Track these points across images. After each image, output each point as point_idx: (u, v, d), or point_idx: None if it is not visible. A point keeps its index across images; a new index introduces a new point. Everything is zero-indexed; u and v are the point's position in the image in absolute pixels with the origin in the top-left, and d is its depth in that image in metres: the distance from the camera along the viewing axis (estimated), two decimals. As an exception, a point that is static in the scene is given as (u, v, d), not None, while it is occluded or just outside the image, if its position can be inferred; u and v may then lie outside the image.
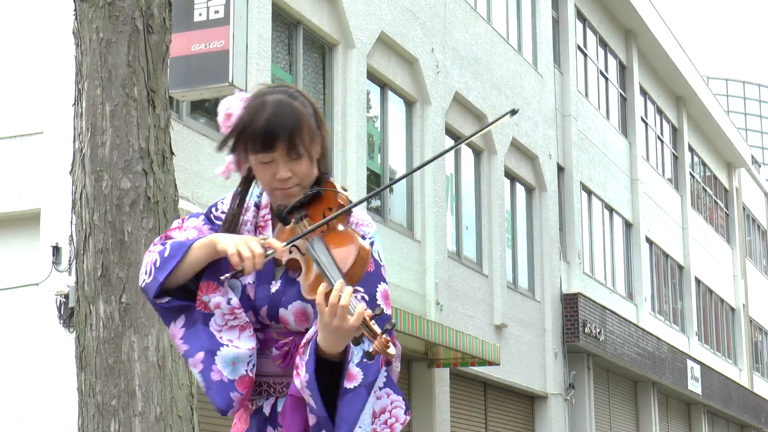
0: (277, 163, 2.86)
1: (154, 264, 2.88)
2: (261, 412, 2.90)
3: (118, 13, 5.85)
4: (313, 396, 2.74)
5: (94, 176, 5.77)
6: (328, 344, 2.72)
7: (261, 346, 2.90)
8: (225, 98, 3.00)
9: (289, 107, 2.87)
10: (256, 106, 2.88)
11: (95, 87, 5.84)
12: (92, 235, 5.74)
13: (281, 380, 2.89)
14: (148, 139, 5.83)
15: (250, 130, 2.85)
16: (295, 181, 2.88)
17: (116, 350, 5.66)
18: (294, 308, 2.86)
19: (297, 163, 2.87)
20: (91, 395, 5.68)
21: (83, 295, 5.76)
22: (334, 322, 2.68)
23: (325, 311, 2.68)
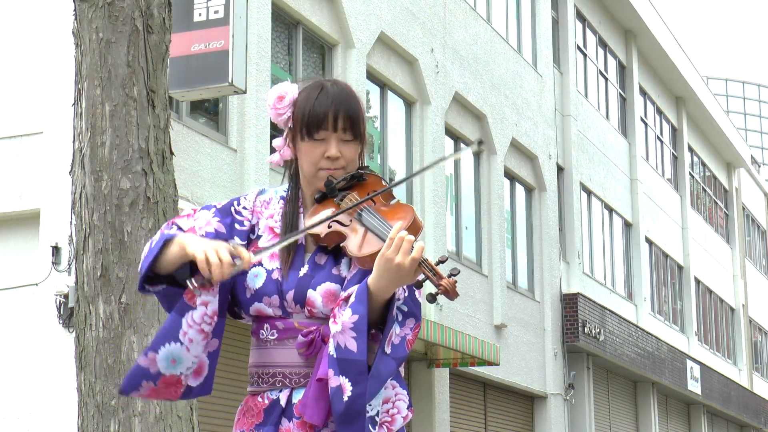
0: (329, 141, 2.94)
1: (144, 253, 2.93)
2: (277, 405, 2.89)
3: (117, 13, 5.85)
4: (359, 337, 2.74)
5: (94, 176, 5.77)
6: (381, 285, 2.76)
7: (280, 336, 2.91)
8: (274, 86, 3.08)
9: (351, 91, 3.02)
10: (316, 88, 3.00)
11: (95, 87, 5.84)
12: (92, 235, 5.74)
13: (298, 370, 2.89)
14: (148, 139, 5.83)
15: (313, 108, 2.95)
16: (342, 163, 2.96)
17: (116, 350, 5.66)
18: (323, 289, 2.88)
19: (347, 145, 2.97)
20: (90, 395, 5.68)
21: (83, 295, 5.76)
22: (398, 258, 2.73)
23: (395, 244, 2.73)
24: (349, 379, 2.75)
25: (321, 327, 2.88)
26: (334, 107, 2.95)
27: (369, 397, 2.76)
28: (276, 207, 3.03)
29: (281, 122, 3.02)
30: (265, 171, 12.72)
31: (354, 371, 2.75)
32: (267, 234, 3.00)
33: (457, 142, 18.63)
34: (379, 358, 2.78)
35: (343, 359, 2.76)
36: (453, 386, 17.92)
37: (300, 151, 2.98)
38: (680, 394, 28.68)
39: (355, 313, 2.76)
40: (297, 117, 2.98)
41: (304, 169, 2.99)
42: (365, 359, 2.76)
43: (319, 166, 2.95)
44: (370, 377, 2.76)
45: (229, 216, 3.01)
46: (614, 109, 26.87)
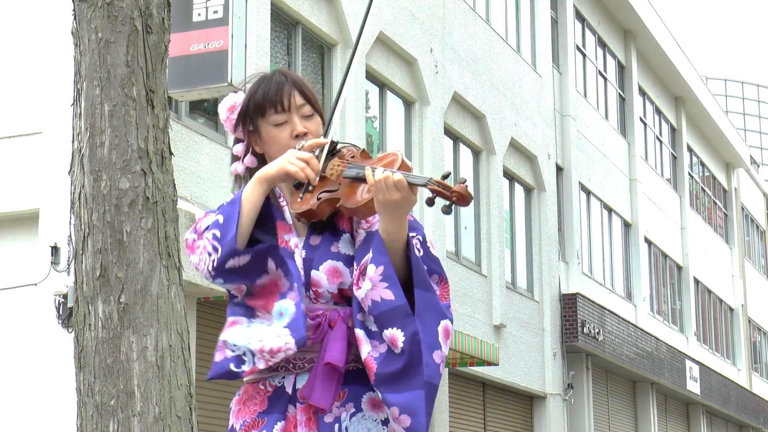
0: (291, 121, 2.97)
1: (215, 239, 2.85)
2: (283, 392, 2.88)
3: (116, 13, 5.85)
4: (391, 285, 2.73)
5: (93, 176, 5.77)
6: (390, 227, 2.77)
7: None
8: (223, 99, 3.08)
9: (293, 73, 3.04)
10: (258, 80, 3.03)
11: (94, 87, 5.84)
12: (91, 235, 5.74)
13: (302, 356, 2.87)
14: (147, 139, 5.83)
15: (261, 93, 2.97)
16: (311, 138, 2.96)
17: (115, 350, 5.66)
18: (326, 267, 2.89)
19: (310, 121, 3.00)
20: (89, 395, 5.68)
21: (82, 295, 5.76)
22: (387, 195, 2.74)
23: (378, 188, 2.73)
24: (398, 327, 2.73)
25: (327, 311, 2.88)
26: (285, 86, 2.98)
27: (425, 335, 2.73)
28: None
29: (239, 132, 3.03)
30: (264, 171, 12.72)
31: (399, 317, 2.74)
32: None
33: (457, 142, 18.64)
34: (419, 295, 2.76)
35: (383, 312, 2.74)
36: (452, 386, 17.92)
37: (266, 142, 2.98)
38: (679, 394, 28.69)
39: (379, 265, 2.76)
40: (249, 109, 2.98)
41: (275, 158, 2.96)
42: (406, 302, 2.74)
43: (290, 147, 2.95)
44: (417, 316, 2.74)
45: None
46: (613, 109, 26.87)
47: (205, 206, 11.78)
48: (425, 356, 2.73)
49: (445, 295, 2.85)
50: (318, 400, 2.79)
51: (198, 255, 2.90)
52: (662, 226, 29.23)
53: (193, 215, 11.04)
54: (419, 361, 2.73)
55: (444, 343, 2.77)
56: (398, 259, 2.80)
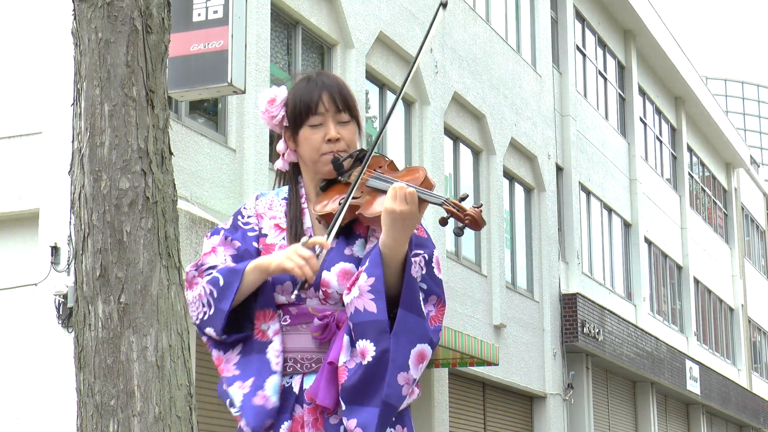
0: (327, 125, 3.00)
1: (210, 295, 2.92)
2: (291, 392, 2.91)
3: (116, 13, 5.85)
4: (377, 298, 2.76)
5: (93, 176, 5.77)
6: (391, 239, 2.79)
7: (293, 321, 2.93)
8: (263, 92, 3.13)
9: (337, 77, 3.10)
10: (304, 80, 3.07)
11: (94, 87, 5.84)
12: (91, 235, 5.74)
13: (310, 356, 2.91)
14: (147, 139, 5.83)
15: (305, 94, 3.01)
16: (343, 145, 3.01)
17: (115, 350, 5.66)
18: (337, 269, 2.91)
19: (345, 127, 3.03)
20: (89, 395, 5.68)
21: (82, 295, 5.76)
22: (394, 205, 2.75)
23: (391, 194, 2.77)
24: (370, 340, 2.76)
25: (336, 312, 2.90)
26: (327, 90, 3.01)
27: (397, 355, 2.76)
28: (279, 208, 3.06)
29: (276, 125, 3.07)
30: (264, 171, 12.72)
31: (375, 331, 2.76)
32: (273, 231, 3.03)
33: (457, 142, 18.64)
34: (401, 315, 2.79)
35: (362, 322, 2.77)
36: (452, 386, 17.92)
37: (300, 142, 3.02)
38: (679, 394, 28.69)
39: (371, 276, 2.78)
40: (290, 109, 3.03)
41: (306, 158, 3.02)
42: (386, 318, 2.77)
43: (322, 150, 2.99)
44: (393, 334, 2.77)
45: (239, 230, 3.05)
46: (613, 109, 26.87)
47: (205, 206, 11.78)
48: (389, 375, 2.75)
49: (438, 318, 2.86)
50: (324, 400, 2.81)
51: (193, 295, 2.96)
52: (662, 226, 29.23)
53: (193, 215, 11.04)
54: (382, 378, 2.76)
55: (414, 367, 2.78)
56: (394, 274, 2.82)
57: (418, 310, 2.80)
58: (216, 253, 3.02)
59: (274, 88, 3.10)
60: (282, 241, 3.00)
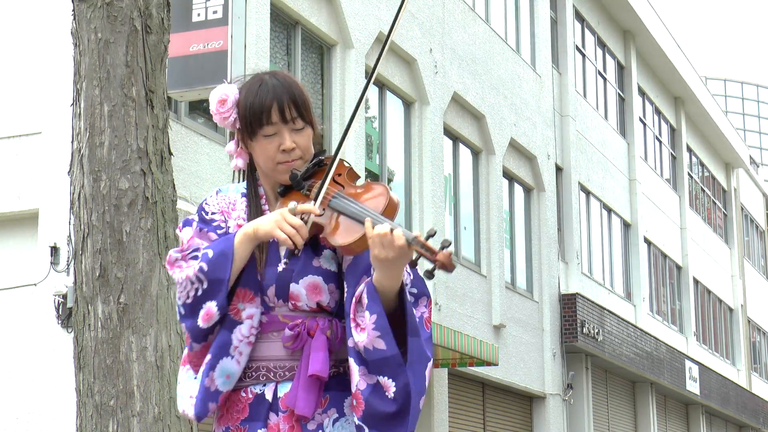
0: (281, 134, 2.92)
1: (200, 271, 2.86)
2: (263, 399, 2.88)
3: (116, 14, 5.85)
4: (384, 335, 2.74)
5: (93, 176, 5.77)
6: (385, 281, 2.76)
7: (263, 329, 2.89)
8: (213, 91, 3.04)
9: (291, 79, 2.98)
10: (255, 82, 2.96)
11: (93, 87, 5.84)
12: (90, 236, 5.74)
13: (283, 364, 2.88)
14: (147, 140, 5.83)
15: (256, 103, 2.92)
16: (298, 153, 2.93)
17: (114, 350, 5.66)
18: (306, 282, 2.88)
19: (300, 134, 2.94)
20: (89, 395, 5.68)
21: (81, 295, 5.76)
22: (384, 253, 2.71)
23: (375, 243, 2.71)
24: (389, 377, 2.76)
25: (306, 319, 2.87)
26: (278, 99, 2.91)
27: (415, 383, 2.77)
28: (240, 206, 3.01)
29: (228, 125, 2.99)
30: (263, 171, 12.72)
31: (391, 366, 2.76)
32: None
33: (456, 142, 18.63)
34: (411, 344, 2.79)
35: (375, 360, 2.76)
36: (452, 386, 17.92)
37: (254, 149, 2.96)
38: (679, 395, 28.69)
39: (372, 314, 2.75)
40: (242, 116, 2.94)
41: (261, 166, 2.97)
42: (398, 352, 2.75)
43: (277, 160, 2.93)
44: (409, 365, 2.77)
45: (210, 224, 3.00)
46: (613, 109, 26.87)
47: (204, 206, 11.77)
48: (413, 404, 2.79)
49: (429, 318, 2.87)
50: (303, 410, 2.81)
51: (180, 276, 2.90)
52: (662, 227, 29.23)
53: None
54: (407, 411, 2.79)
55: (427, 382, 2.84)
56: (390, 300, 2.81)
57: (419, 331, 2.81)
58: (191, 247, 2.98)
59: (224, 86, 2.99)
60: None
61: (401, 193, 16.75)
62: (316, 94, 14.67)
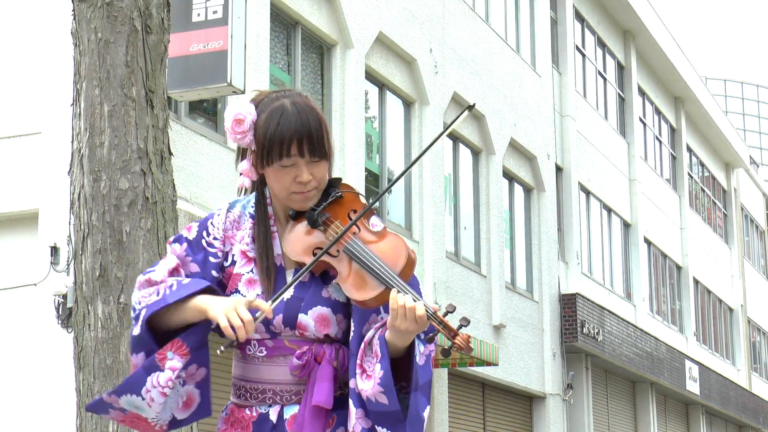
0: (298, 166, 2.86)
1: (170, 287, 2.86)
2: (267, 419, 2.88)
3: (116, 14, 5.86)
4: (388, 392, 2.76)
5: (93, 176, 5.77)
6: (399, 342, 2.78)
7: (269, 353, 2.89)
8: (230, 105, 2.98)
9: (311, 109, 2.90)
10: (276, 111, 2.88)
11: (93, 87, 5.84)
12: (90, 236, 5.74)
13: (289, 388, 2.88)
14: (147, 140, 5.83)
15: (276, 135, 2.85)
16: (314, 184, 2.89)
17: (114, 350, 5.66)
18: (315, 313, 2.87)
19: (317, 165, 2.88)
20: (89, 395, 5.68)
21: (81, 295, 5.76)
22: (404, 325, 2.74)
23: (398, 314, 2.73)
24: (388, 429, 2.79)
25: (313, 346, 2.87)
26: (298, 133, 2.84)
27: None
28: (246, 226, 2.97)
29: (243, 145, 2.92)
30: (263, 171, 12.72)
31: (390, 421, 2.79)
32: (240, 259, 2.94)
33: (456, 142, 18.64)
34: (412, 401, 2.82)
35: (377, 412, 2.79)
36: (452, 386, 17.92)
37: (268, 175, 2.90)
38: (679, 395, 28.69)
39: (381, 369, 2.77)
40: (260, 143, 2.88)
41: (275, 192, 2.92)
42: (399, 408, 2.78)
43: (291, 190, 2.88)
44: (408, 421, 2.80)
45: (201, 251, 2.95)
46: (613, 109, 26.87)
47: (204, 206, 11.78)
48: None
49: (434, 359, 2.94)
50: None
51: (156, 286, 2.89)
52: (662, 227, 29.23)
53: (192, 215, 11.04)
54: None
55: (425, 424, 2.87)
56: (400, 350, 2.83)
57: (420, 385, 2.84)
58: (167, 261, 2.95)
59: (240, 105, 2.91)
60: (250, 274, 2.92)
61: (401, 193, 16.76)
62: (316, 94, 14.68)
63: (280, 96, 2.92)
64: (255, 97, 2.97)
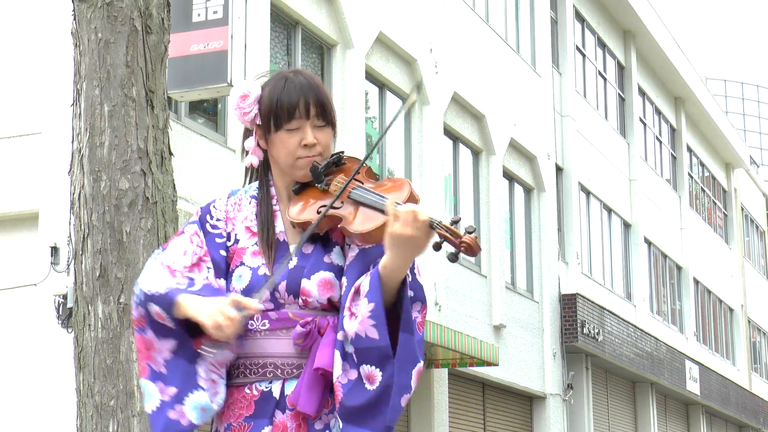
0: (303, 129, 2.93)
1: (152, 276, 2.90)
2: (270, 396, 2.86)
3: (116, 14, 5.86)
4: (378, 324, 2.72)
5: (93, 176, 5.77)
6: (396, 264, 2.74)
7: (272, 326, 2.88)
8: (236, 86, 3.08)
9: (315, 78, 2.99)
10: (281, 79, 2.98)
11: (93, 87, 5.84)
12: (90, 236, 5.74)
13: (291, 361, 2.86)
14: (147, 140, 5.83)
15: (283, 98, 2.93)
16: (319, 149, 2.95)
17: (115, 350, 5.66)
18: (318, 278, 2.87)
19: (322, 131, 2.95)
20: (89, 396, 5.68)
21: (81, 295, 5.76)
22: (405, 230, 2.71)
23: (396, 219, 2.71)
24: (377, 366, 2.74)
25: (317, 317, 2.86)
26: (304, 94, 2.93)
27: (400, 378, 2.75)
28: (249, 208, 3.00)
29: (247, 121, 2.99)
30: (263, 171, 12.72)
31: (378, 356, 2.74)
32: (244, 233, 2.97)
33: (456, 142, 18.64)
34: (403, 339, 2.77)
35: (364, 348, 2.73)
36: (452, 387, 17.92)
37: (273, 144, 2.96)
38: (679, 395, 28.70)
39: (371, 302, 2.73)
40: (265, 110, 2.95)
41: (280, 161, 2.97)
42: (388, 344, 2.74)
43: (297, 155, 2.93)
44: (396, 359, 2.75)
45: (207, 235, 3.00)
46: (613, 109, 26.87)
47: (204, 206, 11.77)
48: (393, 400, 2.75)
49: (422, 323, 2.85)
50: (305, 407, 2.79)
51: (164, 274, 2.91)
52: (662, 227, 29.23)
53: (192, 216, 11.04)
54: (386, 404, 2.74)
55: (414, 384, 2.80)
56: (390, 293, 2.79)
57: (413, 329, 2.79)
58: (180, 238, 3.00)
59: (247, 82, 3.01)
60: (254, 246, 2.93)
61: (401, 193, 16.74)
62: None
63: (285, 71, 3.02)
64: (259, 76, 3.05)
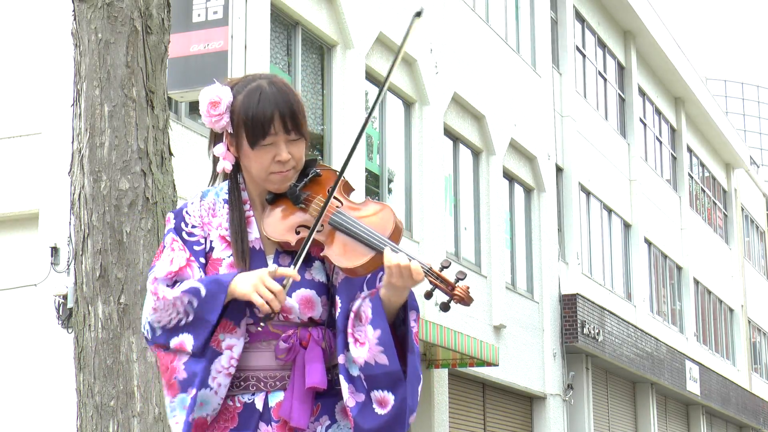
0: (277, 145, 2.86)
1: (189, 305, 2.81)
2: (253, 409, 2.85)
3: (116, 14, 5.86)
4: (387, 351, 2.74)
5: (93, 177, 5.77)
6: (395, 297, 2.77)
7: (252, 339, 2.86)
8: (204, 90, 2.97)
9: (288, 89, 2.90)
10: (254, 91, 2.87)
11: (94, 88, 5.84)
12: (91, 236, 5.74)
13: (273, 374, 2.85)
14: (147, 140, 5.83)
15: (258, 113, 2.84)
16: (292, 164, 2.89)
17: (115, 351, 5.66)
18: (299, 296, 2.85)
19: (295, 145, 2.88)
20: (89, 396, 5.68)
21: (82, 295, 5.76)
22: (401, 282, 2.73)
23: (393, 272, 2.72)
24: (389, 390, 2.76)
25: (297, 330, 2.85)
26: (279, 108, 2.84)
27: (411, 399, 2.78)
28: (222, 212, 2.94)
29: (218, 128, 2.91)
30: (264, 171, 12.72)
31: (390, 380, 2.75)
32: (219, 243, 2.92)
33: (456, 142, 18.64)
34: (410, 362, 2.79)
35: (375, 375, 2.75)
36: (452, 387, 17.92)
37: (246, 156, 2.89)
38: (679, 395, 28.70)
39: (377, 329, 2.75)
40: (239, 124, 2.87)
41: (252, 174, 2.91)
42: (400, 368, 2.76)
43: (270, 170, 2.87)
44: (408, 381, 2.78)
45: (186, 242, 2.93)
46: (613, 109, 26.87)
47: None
48: (406, 419, 2.79)
49: (417, 333, 2.86)
50: (298, 422, 2.79)
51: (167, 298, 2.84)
52: (662, 227, 29.23)
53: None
54: (402, 426, 2.78)
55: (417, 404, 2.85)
56: (391, 315, 2.81)
57: (414, 345, 2.82)
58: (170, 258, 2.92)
59: (216, 87, 2.91)
60: (230, 259, 2.88)
61: (401, 193, 16.76)
62: (316, 94, 14.68)
63: (256, 78, 2.92)
64: (229, 81, 2.96)
